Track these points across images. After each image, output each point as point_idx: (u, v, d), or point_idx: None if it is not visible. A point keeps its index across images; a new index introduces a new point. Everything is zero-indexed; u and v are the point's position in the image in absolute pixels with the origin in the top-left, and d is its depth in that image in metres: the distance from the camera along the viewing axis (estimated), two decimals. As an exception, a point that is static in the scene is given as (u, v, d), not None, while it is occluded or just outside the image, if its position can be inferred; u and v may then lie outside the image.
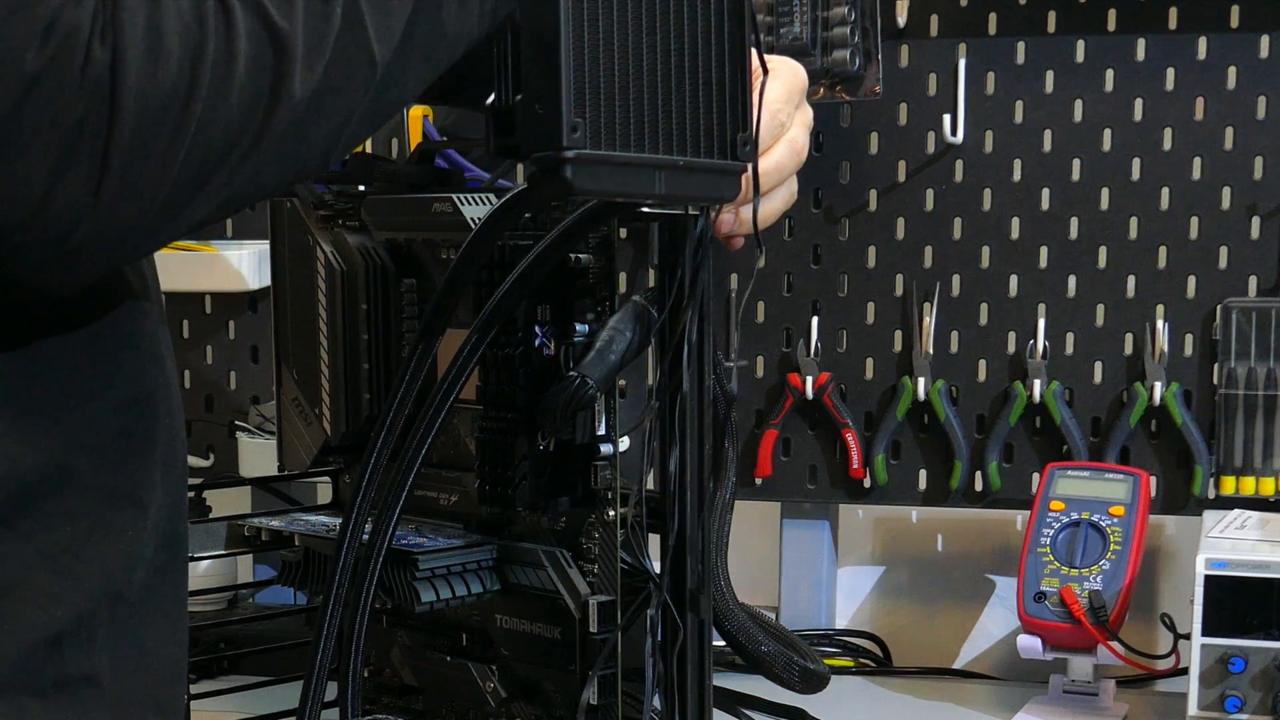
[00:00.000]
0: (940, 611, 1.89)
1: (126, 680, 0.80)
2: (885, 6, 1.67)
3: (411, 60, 0.75)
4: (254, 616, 1.68)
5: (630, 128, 0.85)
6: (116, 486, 0.79)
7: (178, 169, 0.67)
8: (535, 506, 1.06)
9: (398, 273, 1.17)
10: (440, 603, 1.08)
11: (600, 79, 0.84)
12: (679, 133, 0.88)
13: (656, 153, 0.87)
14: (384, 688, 1.24)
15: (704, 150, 0.89)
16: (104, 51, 0.64)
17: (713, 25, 0.89)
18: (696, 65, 0.88)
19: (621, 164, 0.85)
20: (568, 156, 0.83)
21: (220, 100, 0.67)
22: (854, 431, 1.75)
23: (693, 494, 1.00)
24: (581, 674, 1.06)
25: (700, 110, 0.89)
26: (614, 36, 0.84)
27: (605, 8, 0.84)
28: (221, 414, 1.87)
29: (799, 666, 1.20)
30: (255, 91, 0.68)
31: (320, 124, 0.71)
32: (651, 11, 0.86)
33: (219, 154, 0.68)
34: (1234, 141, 1.64)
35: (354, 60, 0.71)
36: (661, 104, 0.87)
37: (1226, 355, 1.63)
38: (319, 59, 0.70)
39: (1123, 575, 1.50)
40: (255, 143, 0.69)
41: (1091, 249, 1.68)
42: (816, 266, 1.76)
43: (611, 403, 1.04)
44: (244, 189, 0.71)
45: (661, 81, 0.87)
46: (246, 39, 0.67)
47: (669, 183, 0.88)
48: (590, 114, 0.83)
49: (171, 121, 0.66)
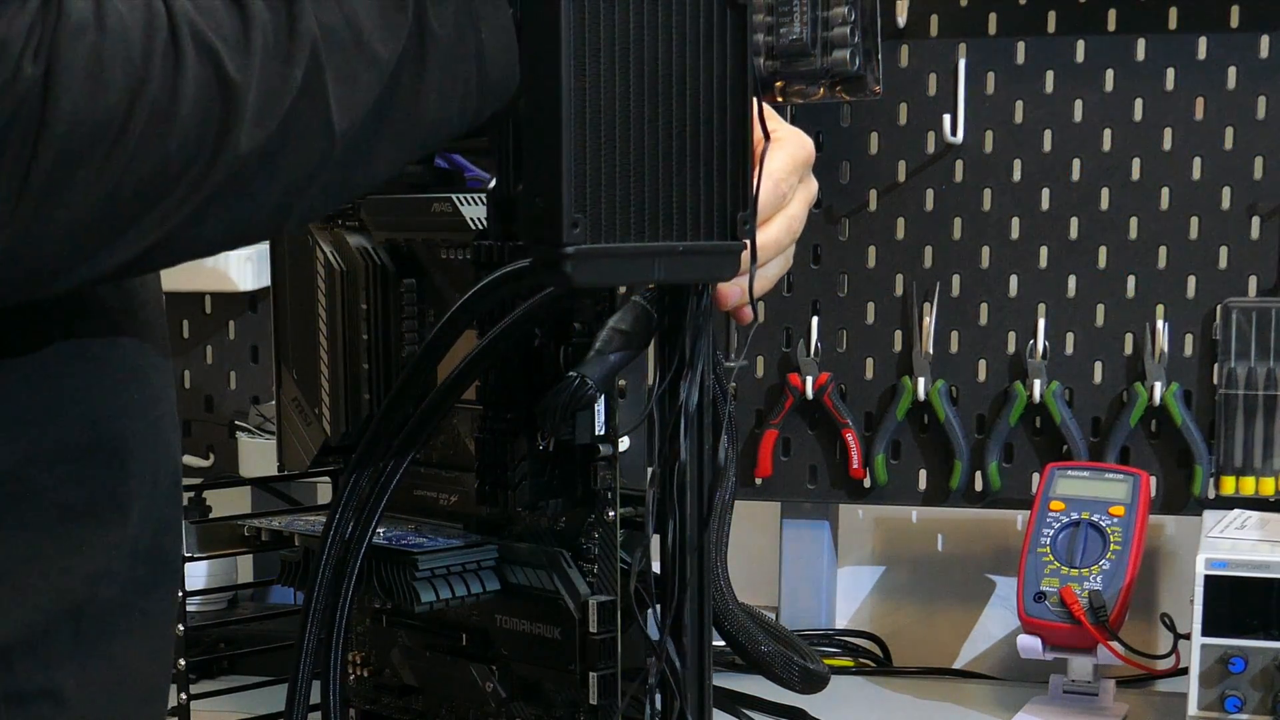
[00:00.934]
0: (940, 611, 1.89)
1: (94, 697, 0.79)
2: (885, 6, 1.67)
3: (381, 140, 0.74)
4: (254, 616, 1.68)
5: (630, 217, 0.85)
6: (80, 501, 0.78)
7: (103, 200, 0.65)
8: (535, 507, 1.06)
9: (398, 273, 1.17)
10: (440, 603, 1.08)
11: (601, 171, 0.84)
12: (679, 216, 0.88)
13: (656, 239, 0.87)
14: (384, 688, 1.24)
15: (703, 232, 0.89)
16: (35, 68, 0.63)
17: (715, 99, 0.89)
18: (698, 145, 0.88)
19: (621, 255, 0.85)
20: (568, 253, 0.83)
21: (157, 139, 0.66)
22: (854, 431, 1.75)
23: (693, 498, 1.00)
24: (582, 674, 1.06)
25: (700, 191, 0.89)
26: (615, 126, 0.84)
27: (608, 98, 0.84)
28: (221, 414, 1.87)
29: (799, 666, 1.20)
30: (198, 137, 0.67)
31: (269, 185, 0.70)
32: (654, 94, 0.86)
33: (151, 193, 0.67)
34: (1234, 141, 1.64)
35: (310, 127, 0.70)
36: (662, 189, 0.87)
37: (1226, 355, 1.63)
38: (270, 117, 0.68)
39: (1123, 575, 1.50)
40: (193, 189, 0.67)
41: (1091, 249, 1.69)
42: (816, 266, 1.76)
43: (611, 403, 1.04)
44: (180, 238, 0.69)
45: (663, 166, 0.86)
46: (194, 84, 0.66)
47: (668, 269, 0.88)
48: (591, 209, 0.83)
49: (101, 151, 0.65)
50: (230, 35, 0.68)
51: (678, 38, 0.87)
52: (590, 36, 0.83)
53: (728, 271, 0.91)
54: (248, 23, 0.69)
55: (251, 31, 0.68)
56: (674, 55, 0.87)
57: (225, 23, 0.68)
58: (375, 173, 0.76)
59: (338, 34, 0.71)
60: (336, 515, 0.99)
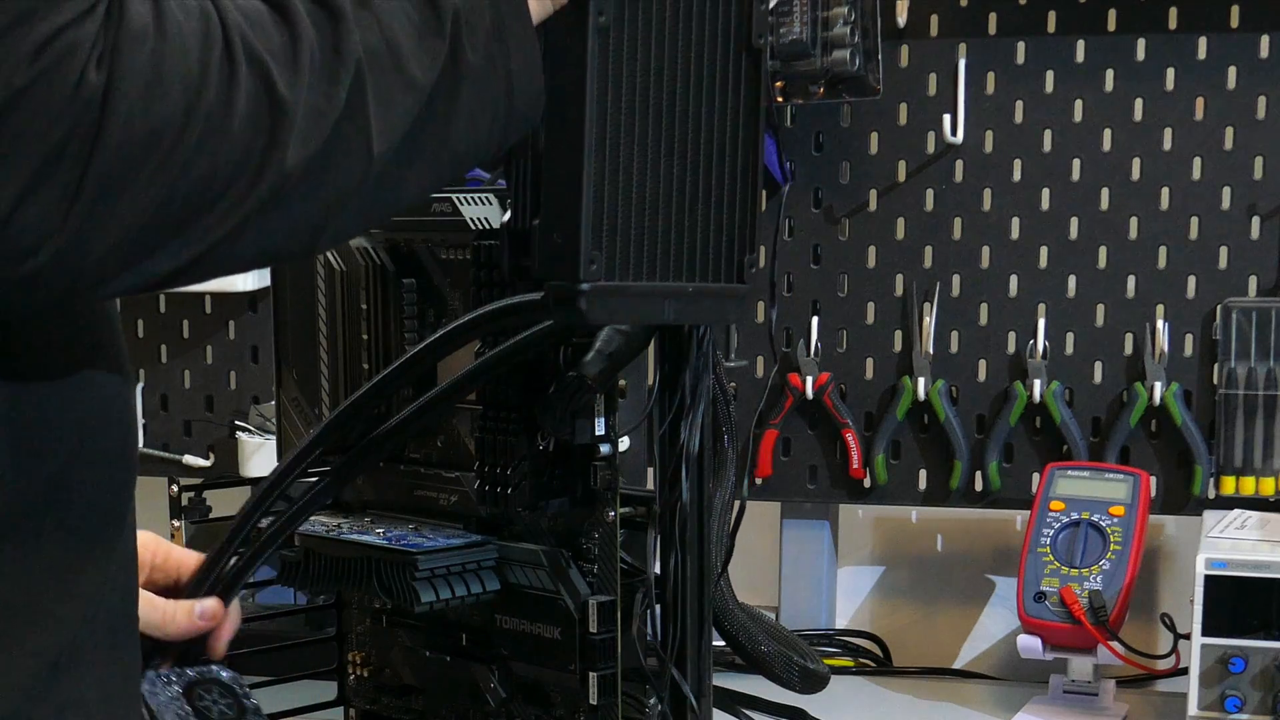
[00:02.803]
0: (940, 611, 1.89)
1: (112, 703, 0.79)
2: (885, 6, 1.67)
3: (414, 164, 0.75)
4: (254, 616, 1.67)
5: (644, 256, 0.86)
6: (115, 506, 0.79)
7: (153, 209, 0.66)
8: (535, 506, 1.06)
9: (397, 273, 1.17)
10: (440, 603, 1.08)
11: (618, 210, 0.84)
12: (689, 257, 0.89)
13: (667, 279, 0.87)
14: (384, 688, 1.24)
15: (711, 275, 0.90)
16: (99, 76, 0.63)
17: (728, 141, 0.89)
18: (710, 185, 0.89)
19: (634, 294, 0.86)
20: (583, 290, 0.83)
21: (208, 150, 0.66)
22: (854, 431, 1.74)
23: (693, 500, 1.00)
24: (581, 674, 1.06)
25: (710, 234, 0.90)
26: (634, 164, 0.84)
27: (628, 135, 0.84)
28: (221, 414, 1.87)
29: (799, 666, 1.20)
30: (247, 151, 0.67)
31: (307, 202, 0.71)
32: (671, 134, 0.86)
33: (198, 205, 0.67)
34: (1234, 141, 1.64)
35: (351, 146, 0.71)
36: (674, 229, 0.87)
37: (1226, 355, 1.63)
38: (316, 135, 0.69)
39: (1123, 575, 1.50)
40: (238, 203, 0.68)
41: (1091, 249, 1.68)
42: (816, 266, 1.76)
43: (612, 403, 1.04)
44: (220, 251, 0.69)
45: (676, 205, 0.87)
46: (247, 97, 0.67)
47: (677, 310, 0.89)
48: (607, 246, 0.84)
49: (155, 160, 0.65)
50: (280, 52, 0.68)
51: (695, 78, 0.87)
52: (614, 73, 0.83)
53: (733, 315, 0.93)
54: (297, 40, 0.69)
55: (300, 49, 0.69)
56: (691, 95, 0.87)
57: (275, 39, 0.69)
58: (404, 196, 0.76)
59: (379, 56, 0.72)
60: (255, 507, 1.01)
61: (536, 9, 0.79)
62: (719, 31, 0.88)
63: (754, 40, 0.90)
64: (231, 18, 0.68)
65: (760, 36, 0.90)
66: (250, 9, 0.69)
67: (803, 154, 1.75)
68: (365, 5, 0.72)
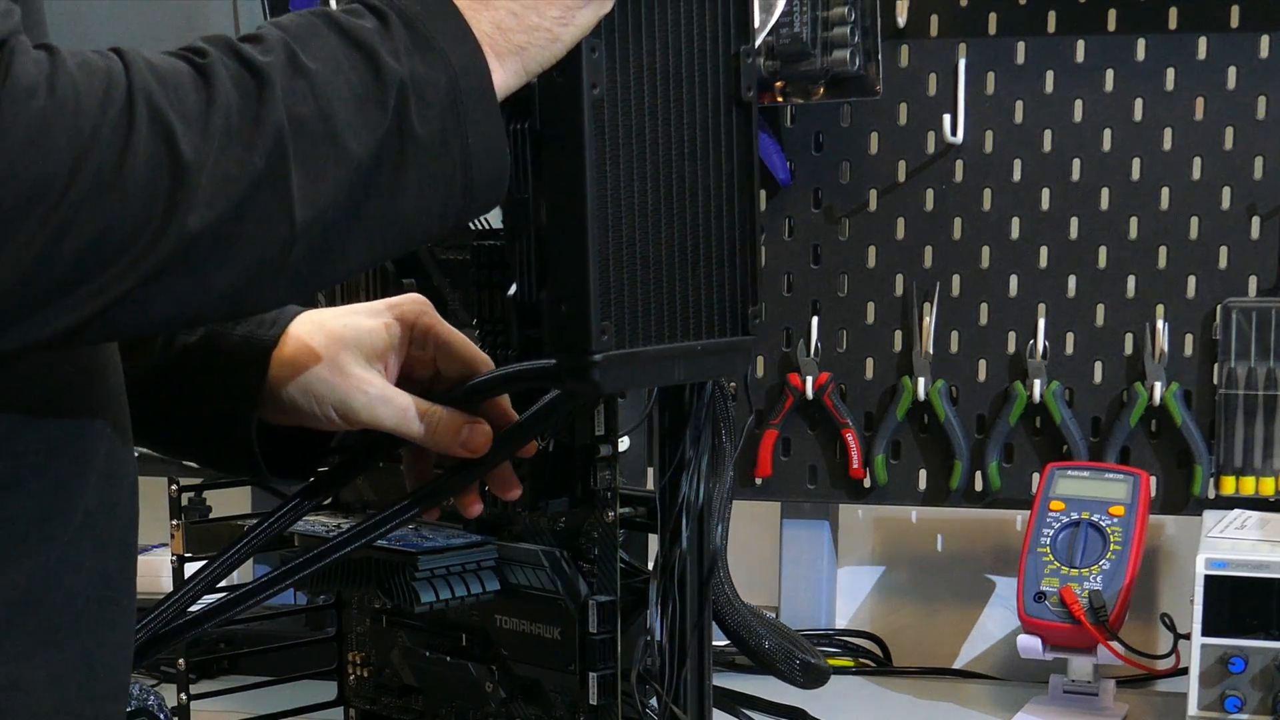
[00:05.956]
0: (940, 611, 1.89)
1: (65, 690, 0.78)
2: (885, 6, 1.67)
3: (355, 234, 0.74)
4: (254, 616, 1.67)
5: (652, 320, 0.86)
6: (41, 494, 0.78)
7: (36, 264, 0.66)
8: (535, 507, 1.06)
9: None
10: (440, 603, 1.08)
11: (624, 277, 0.85)
12: (695, 316, 0.89)
13: (675, 339, 0.88)
14: (384, 688, 1.24)
15: (718, 330, 0.91)
16: None
17: (724, 196, 0.90)
18: (710, 243, 0.89)
19: (645, 359, 0.86)
20: (595, 360, 0.83)
21: (99, 209, 0.66)
22: (854, 431, 1.74)
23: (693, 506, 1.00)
24: (581, 674, 1.06)
25: (714, 290, 0.90)
26: (635, 230, 0.85)
27: (629, 203, 0.84)
28: (221, 414, 1.87)
29: (800, 660, 1.20)
30: (145, 211, 0.67)
31: (223, 269, 0.70)
32: (670, 196, 0.86)
33: (91, 263, 0.67)
34: (1234, 141, 1.64)
35: (270, 214, 0.70)
36: (679, 290, 0.88)
37: (1226, 355, 1.63)
38: (224, 200, 0.69)
39: (1123, 575, 1.50)
40: (135, 263, 0.68)
41: (1091, 249, 1.68)
42: (816, 266, 1.76)
43: (611, 403, 1.04)
44: (124, 311, 0.69)
45: (679, 266, 0.88)
46: (144, 158, 0.67)
47: (687, 369, 0.90)
48: (615, 315, 0.84)
49: (36, 216, 0.65)
50: (191, 114, 0.68)
51: (689, 136, 0.88)
52: (610, 143, 0.83)
53: (740, 368, 0.94)
54: (210, 103, 0.69)
55: (213, 113, 0.69)
56: (686, 156, 0.88)
57: (190, 101, 0.68)
58: (348, 266, 0.76)
59: (308, 125, 0.71)
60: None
61: (504, 81, 0.78)
62: (709, 88, 0.88)
63: (743, 93, 0.90)
64: (140, 78, 0.67)
65: (749, 89, 0.90)
66: (169, 71, 0.69)
67: (803, 154, 1.75)
68: (301, 74, 0.71)
